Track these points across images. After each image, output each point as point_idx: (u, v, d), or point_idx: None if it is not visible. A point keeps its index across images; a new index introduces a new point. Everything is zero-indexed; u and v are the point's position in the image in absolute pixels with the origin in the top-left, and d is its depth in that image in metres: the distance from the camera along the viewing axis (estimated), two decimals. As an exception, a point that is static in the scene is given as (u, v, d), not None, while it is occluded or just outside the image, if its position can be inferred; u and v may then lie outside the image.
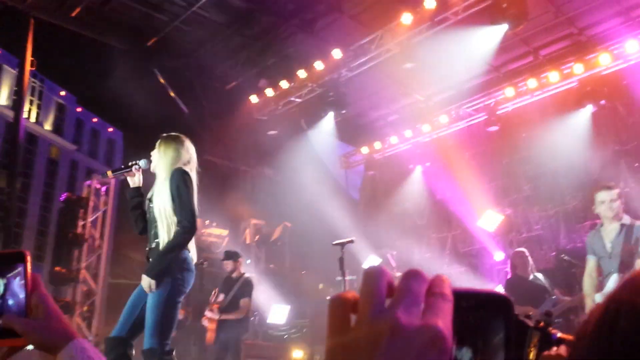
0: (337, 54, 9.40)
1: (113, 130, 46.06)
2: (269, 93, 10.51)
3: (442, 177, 11.02)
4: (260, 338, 9.64)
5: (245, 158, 11.70)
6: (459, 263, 10.48)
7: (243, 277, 7.37)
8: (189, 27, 9.80)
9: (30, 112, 39.08)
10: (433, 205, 11.29)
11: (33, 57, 9.19)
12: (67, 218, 10.63)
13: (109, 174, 4.25)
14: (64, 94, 42.61)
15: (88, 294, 10.61)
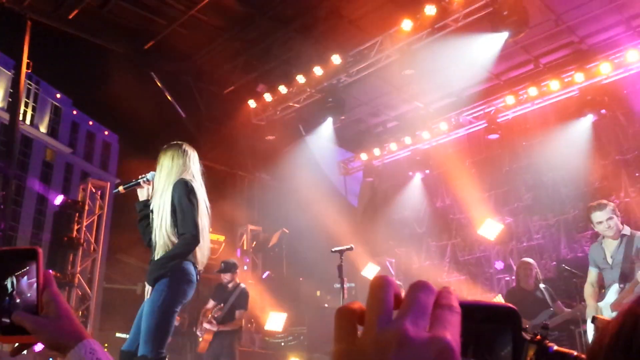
0: (336, 60, 9.34)
1: (109, 134, 45.96)
2: (268, 98, 10.45)
3: (441, 184, 10.98)
4: (257, 345, 9.54)
5: (243, 163, 11.63)
6: (459, 272, 10.43)
7: (239, 287, 7.23)
8: (187, 30, 9.74)
9: (26, 114, 38.90)
10: (432, 213, 11.22)
11: (29, 59, 9.11)
12: (62, 222, 10.52)
13: (121, 189, 4.21)
14: (60, 97, 42.48)
15: (83, 299, 10.49)
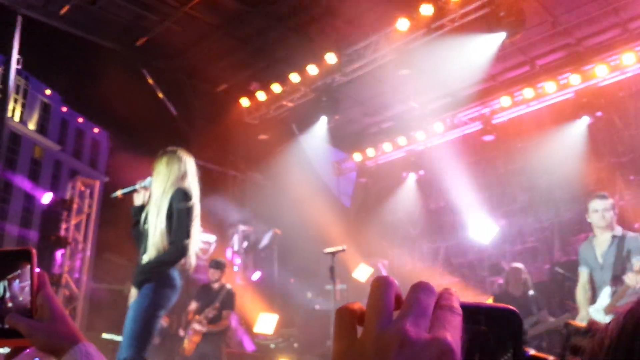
0: (331, 59, 9.25)
1: (99, 131, 45.60)
2: (261, 96, 10.34)
3: (436, 186, 10.90)
4: (246, 347, 9.43)
5: (235, 162, 11.50)
6: (452, 274, 10.36)
7: (225, 288, 7.21)
8: (180, 27, 9.62)
9: (15, 110, 38.51)
10: (426, 215, 11.16)
11: (19, 54, 8.97)
12: (50, 220, 10.38)
13: (119, 194, 4.29)
14: (50, 93, 42.09)
15: (70, 299, 10.33)
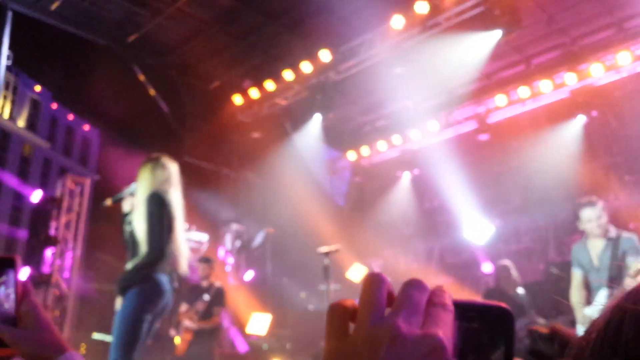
0: (325, 56, 9.17)
1: (89, 129, 45.26)
2: (254, 94, 10.26)
3: (430, 185, 10.84)
4: (238, 348, 9.34)
5: (227, 161, 11.39)
6: (446, 274, 10.31)
7: (214, 285, 7.23)
8: (172, 24, 9.52)
9: (4, 107, 38.14)
10: (421, 214, 11.13)
11: (9, 50, 8.85)
12: (39, 218, 10.25)
13: (109, 202, 4.40)
14: (40, 90, 41.69)
15: (59, 298, 10.20)
